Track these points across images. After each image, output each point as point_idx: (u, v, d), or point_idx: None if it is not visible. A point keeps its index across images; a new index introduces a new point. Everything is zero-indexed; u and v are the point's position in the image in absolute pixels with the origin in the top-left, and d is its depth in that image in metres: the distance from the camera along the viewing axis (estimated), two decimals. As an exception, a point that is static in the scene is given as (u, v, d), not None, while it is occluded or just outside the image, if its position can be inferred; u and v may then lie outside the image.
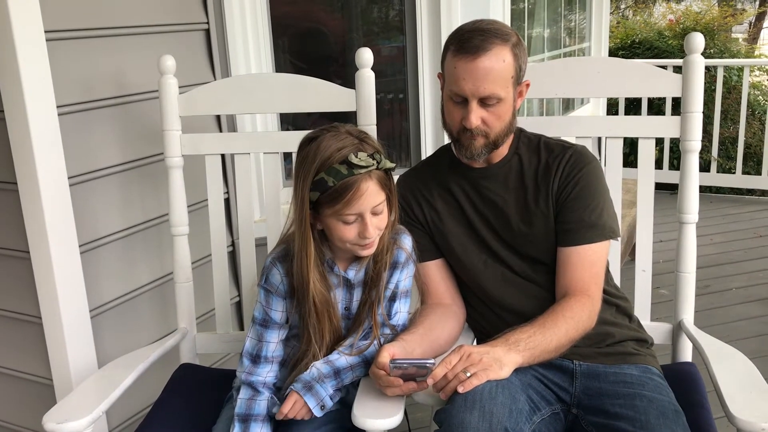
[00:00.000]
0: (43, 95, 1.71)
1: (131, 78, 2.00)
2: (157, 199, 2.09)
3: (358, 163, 1.38)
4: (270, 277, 1.53)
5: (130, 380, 1.58)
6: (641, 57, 6.47)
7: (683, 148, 1.74)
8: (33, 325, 1.89)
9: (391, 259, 1.54)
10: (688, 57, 1.70)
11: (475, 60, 1.48)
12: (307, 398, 1.45)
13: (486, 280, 1.64)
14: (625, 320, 1.66)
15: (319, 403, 1.46)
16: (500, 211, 1.63)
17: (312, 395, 1.46)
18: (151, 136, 2.04)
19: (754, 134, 5.96)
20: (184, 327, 1.88)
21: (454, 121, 1.57)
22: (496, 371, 1.36)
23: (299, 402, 1.46)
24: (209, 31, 2.26)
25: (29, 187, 1.74)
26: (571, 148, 1.63)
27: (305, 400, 1.45)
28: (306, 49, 2.83)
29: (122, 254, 2.03)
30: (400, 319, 1.58)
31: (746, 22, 11.56)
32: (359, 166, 1.38)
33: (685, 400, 1.51)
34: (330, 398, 1.47)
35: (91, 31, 1.90)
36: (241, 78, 2.12)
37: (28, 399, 2.02)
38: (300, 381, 1.48)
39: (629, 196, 3.02)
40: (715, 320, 3.31)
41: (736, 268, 3.95)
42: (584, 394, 1.53)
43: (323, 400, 1.46)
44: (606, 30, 5.08)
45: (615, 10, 11.76)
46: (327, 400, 1.47)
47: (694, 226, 1.76)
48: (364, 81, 1.78)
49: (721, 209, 5.05)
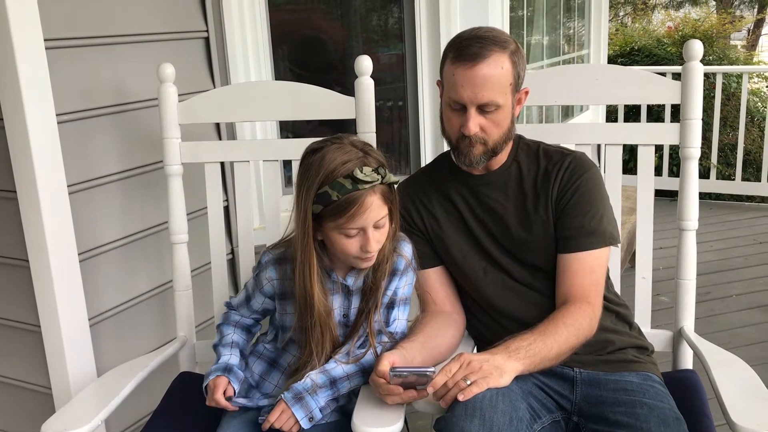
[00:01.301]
0: (42, 103, 1.71)
1: (131, 86, 2.01)
2: (156, 207, 2.09)
3: (363, 178, 1.37)
4: (261, 274, 1.58)
5: (129, 389, 1.57)
6: (640, 64, 6.49)
7: (683, 155, 1.74)
8: (32, 333, 1.88)
9: (390, 268, 1.53)
10: (687, 64, 1.70)
11: (473, 67, 1.48)
12: (295, 409, 1.44)
13: (486, 287, 1.64)
14: (626, 327, 1.66)
15: (308, 415, 1.45)
16: (500, 218, 1.63)
17: (301, 407, 1.45)
18: (151, 144, 2.04)
19: (753, 141, 5.97)
20: (184, 335, 1.88)
21: (452, 128, 1.57)
22: (497, 379, 1.35)
23: (286, 413, 1.45)
24: (209, 39, 2.26)
25: (28, 195, 1.74)
26: (570, 155, 1.63)
27: (293, 411, 1.44)
28: (305, 57, 2.83)
29: (121, 262, 2.03)
30: (399, 327, 1.57)
31: (745, 29, 11.59)
32: (364, 181, 1.38)
33: (685, 408, 1.51)
34: (320, 410, 1.46)
35: (91, 39, 1.90)
36: (241, 86, 2.13)
37: (26, 408, 2.01)
38: (291, 391, 1.47)
39: (629, 202, 3.01)
40: (716, 327, 3.30)
41: (736, 275, 3.95)
42: (585, 402, 1.52)
43: (312, 412, 1.45)
44: (605, 37, 5.10)
45: (614, 18, 11.80)
46: (316, 413, 1.46)
47: (694, 232, 1.76)
48: (364, 89, 1.78)
49: (720, 216, 5.05)
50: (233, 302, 1.68)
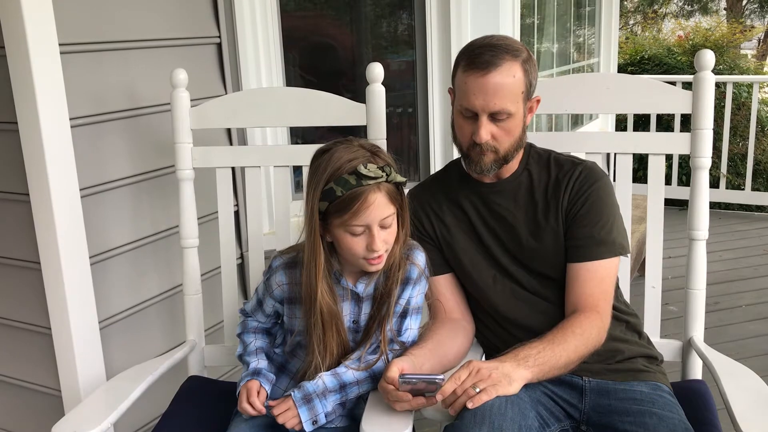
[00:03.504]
0: (56, 107, 1.72)
1: (143, 91, 2.02)
2: (167, 211, 2.10)
3: (366, 173, 1.39)
4: (271, 278, 1.58)
5: (138, 392, 1.58)
6: (650, 73, 6.48)
7: (693, 165, 1.74)
8: (42, 335, 1.89)
9: (403, 275, 1.53)
10: (699, 74, 1.70)
11: (485, 75, 1.48)
12: (301, 410, 1.45)
13: (495, 295, 1.64)
14: (635, 337, 1.66)
15: (312, 419, 1.45)
16: (510, 227, 1.63)
17: (308, 409, 1.45)
18: (163, 149, 2.05)
19: (763, 151, 5.95)
20: (193, 339, 1.89)
21: (464, 136, 1.57)
22: (506, 387, 1.35)
23: (292, 411, 1.46)
24: (221, 45, 2.28)
25: (41, 199, 1.75)
26: (581, 164, 1.63)
27: (299, 412, 1.45)
28: (316, 63, 2.84)
29: (132, 266, 2.04)
30: (410, 336, 1.57)
31: (755, 39, 11.56)
32: (368, 176, 1.39)
33: (695, 418, 1.50)
34: (326, 415, 1.47)
35: (105, 45, 1.91)
36: (253, 92, 2.14)
37: (36, 410, 2.02)
38: (302, 390, 1.47)
39: (638, 211, 3.01)
40: (725, 337, 3.29)
41: (745, 285, 3.94)
42: (594, 411, 1.52)
43: (318, 416, 1.45)
44: (615, 46, 5.10)
45: (624, 26, 11.79)
46: (321, 417, 1.46)
47: (704, 242, 1.76)
48: (375, 95, 1.79)
49: (730, 225, 5.04)
50: (247, 308, 1.68)
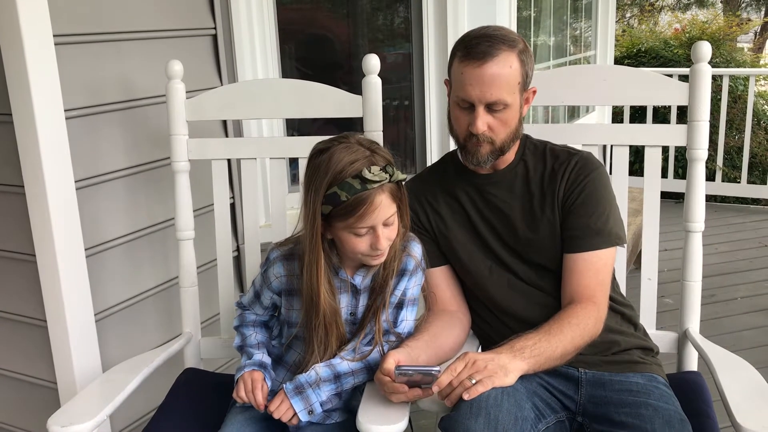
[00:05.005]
0: (51, 99, 1.72)
1: (138, 82, 2.01)
2: (163, 203, 2.09)
3: (371, 178, 1.37)
4: (269, 270, 1.57)
5: (134, 384, 1.58)
6: (647, 66, 6.48)
7: (690, 157, 1.74)
8: (38, 328, 1.89)
9: (399, 267, 1.53)
10: (695, 66, 1.70)
11: (482, 66, 1.48)
12: (294, 401, 1.45)
13: (491, 286, 1.64)
14: (631, 328, 1.66)
15: (307, 408, 1.45)
16: (506, 218, 1.63)
17: (301, 399, 1.45)
18: (158, 141, 2.05)
19: (759, 144, 5.96)
20: (189, 331, 1.88)
21: (460, 127, 1.57)
22: (502, 378, 1.36)
23: (285, 403, 1.46)
24: (216, 36, 2.27)
25: (36, 191, 1.74)
26: (577, 155, 1.62)
27: (291, 403, 1.45)
28: (312, 55, 2.84)
29: (128, 258, 2.03)
30: (406, 327, 1.57)
31: (752, 32, 11.57)
32: (372, 180, 1.38)
33: (690, 410, 1.51)
34: (321, 404, 1.46)
35: (100, 36, 1.90)
36: (248, 83, 2.13)
37: (32, 402, 2.02)
38: (294, 382, 1.47)
39: (634, 204, 3.02)
40: (720, 330, 3.30)
41: (741, 278, 3.94)
42: (589, 403, 1.52)
43: (312, 405, 1.45)
44: (612, 38, 5.10)
45: (620, 19, 11.78)
46: (316, 406, 1.46)
47: (700, 234, 1.76)
48: (371, 87, 1.78)
49: (726, 218, 5.04)
50: (244, 301, 1.67)
